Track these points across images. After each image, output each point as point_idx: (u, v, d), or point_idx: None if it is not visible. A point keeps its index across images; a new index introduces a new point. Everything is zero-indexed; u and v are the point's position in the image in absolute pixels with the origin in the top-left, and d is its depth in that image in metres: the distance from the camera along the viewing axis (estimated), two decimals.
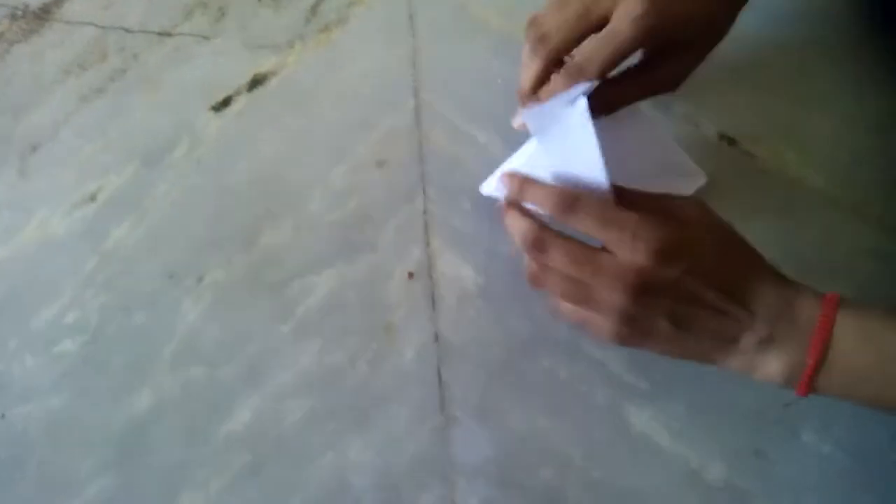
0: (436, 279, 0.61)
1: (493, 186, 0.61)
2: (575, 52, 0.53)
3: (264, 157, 0.64)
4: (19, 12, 0.68)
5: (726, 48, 0.65)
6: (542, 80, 0.54)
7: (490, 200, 0.61)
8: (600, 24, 0.51)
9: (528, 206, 0.53)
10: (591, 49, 0.51)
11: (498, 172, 0.62)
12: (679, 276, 0.48)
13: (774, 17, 0.59)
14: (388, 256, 0.62)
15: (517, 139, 0.62)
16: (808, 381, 0.48)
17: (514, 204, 0.53)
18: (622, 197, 0.51)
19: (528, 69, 0.54)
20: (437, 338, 0.60)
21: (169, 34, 0.67)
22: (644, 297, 0.48)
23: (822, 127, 0.64)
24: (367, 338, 0.60)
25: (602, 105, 0.54)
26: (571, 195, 0.50)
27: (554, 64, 0.53)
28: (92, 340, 0.60)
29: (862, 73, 0.65)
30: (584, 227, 0.49)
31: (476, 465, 0.57)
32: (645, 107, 0.63)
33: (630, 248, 0.47)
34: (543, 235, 0.50)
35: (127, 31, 0.67)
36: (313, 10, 0.68)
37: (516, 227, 0.52)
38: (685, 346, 0.50)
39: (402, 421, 0.58)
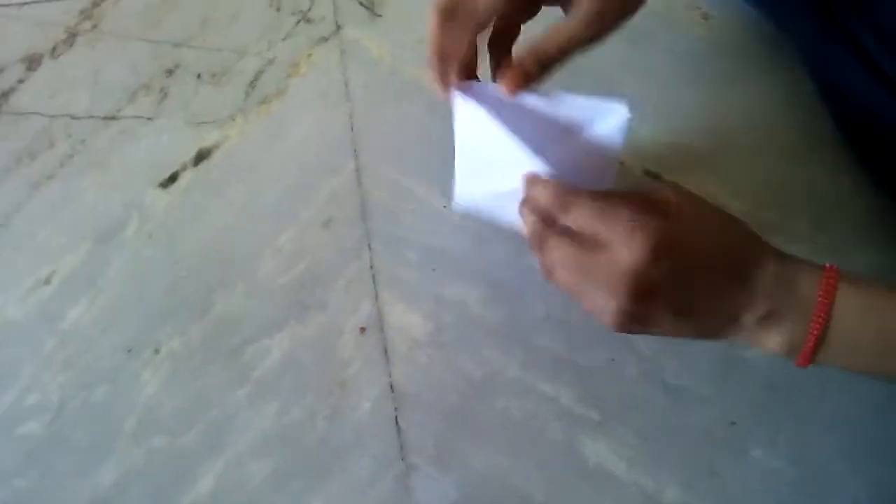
0: (387, 331, 0.61)
1: (464, 198, 0.60)
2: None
3: (214, 227, 0.64)
4: None
5: (643, 92, 0.67)
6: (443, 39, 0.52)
7: (434, 251, 0.63)
8: None
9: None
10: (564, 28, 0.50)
11: (457, 178, 0.59)
12: (675, 267, 0.46)
13: (683, 57, 0.62)
14: (340, 313, 0.62)
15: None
16: (811, 353, 0.47)
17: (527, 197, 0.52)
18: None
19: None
20: (392, 388, 0.60)
21: (114, 118, 0.68)
22: (639, 291, 0.46)
23: (740, 156, 0.66)
24: (324, 394, 0.59)
25: (536, 67, 0.52)
26: (571, 191, 0.49)
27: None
28: (54, 419, 0.59)
29: (773, 103, 0.68)
30: (580, 222, 0.48)
31: None
32: None
33: (625, 245, 0.46)
34: (544, 234, 0.49)
35: (73, 117, 0.68)
36: (252, 84, 0.69)
37: (524, 221, 0.51)
38: (690, 329, 0.49)
39: (364, 472, 0.58)
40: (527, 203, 0.52)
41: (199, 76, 0.69)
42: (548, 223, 0.50)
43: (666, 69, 0.62)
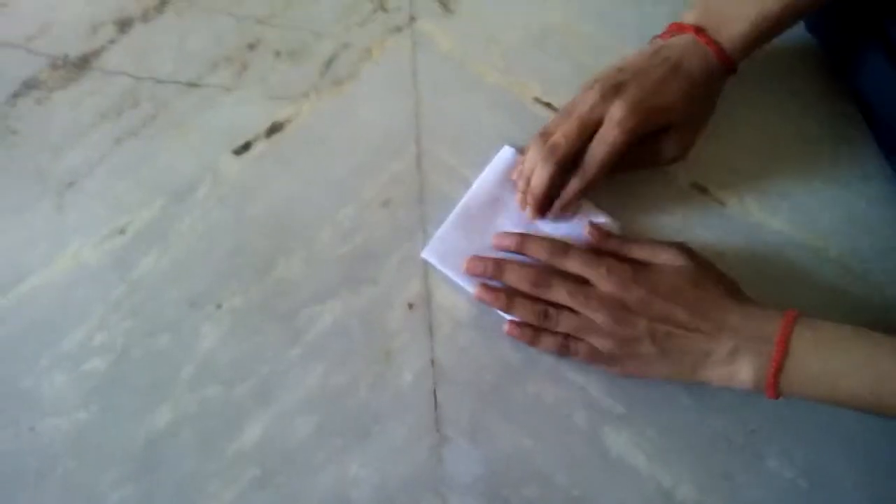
0: (433, 310, 0.64)
1: (434, 251, 0.65)
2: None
3: (280, 196, 0.67)
4: (59, 62, 0.72)
5: None
6: (554, 183, 0.62)
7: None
8: (597, 129, 0.60)
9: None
10: (589, 154, 0.61)
11: (439, 234, 0.65)
12: (645, 296, 0.57)
13: (741, 78, 0.64)
14: (390, 288, 0.65)
15: None
16: (774, 382, 0.54)
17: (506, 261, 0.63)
18: (621, 244, 0.62)
19: (542, 173, 0.61)
20: (433, 363, 0.63)
21: (196, 85, 0.71)
22: (622, 314, 0.57)
23: (785, 178, 0.67)
24: (369, 362, 0.62)
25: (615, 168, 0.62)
26: (563, 244, 0.61)
27: (564, 169, 0.61)
28: (118, 361, 0.62)
29: (823, 130, 0.69)
30: (574, 266, 0.60)
31: (466, 482, 0.60)
32: None
33: (605, 280, 0.59)
34: (548, 275, 0.60)
35: (158, 81, 0.71)
36: (327, 65, 0.72)
37: (522, 272, 0.61)
38: (668, 364, 0.58)
39: (400, 439, 0.61)
40: (521, 267, 0.62)
41: (277, 53, 0.72)
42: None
43: (726, 88, 0.64)
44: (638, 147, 0.61)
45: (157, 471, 0.60)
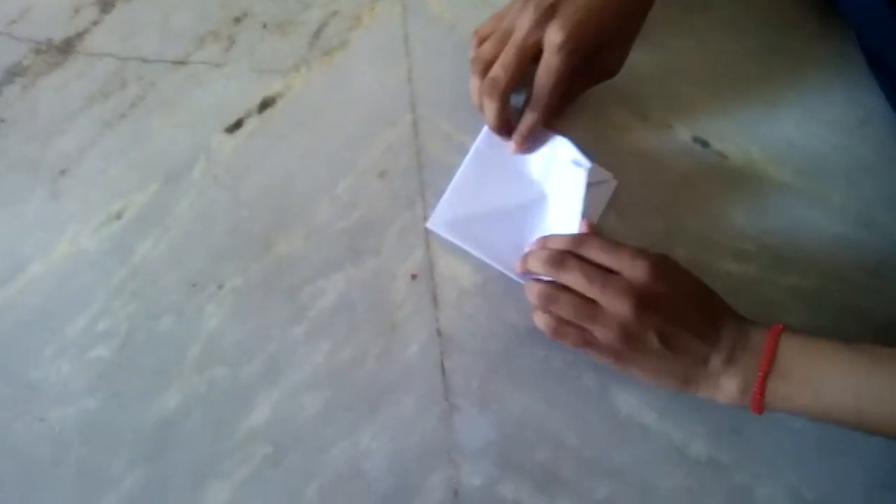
0: (436, 279, 0.64)
1: (440, 221, 0.65)
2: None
3: (275, 172, 0.67)
4: (43, 47, 0.71)
5: (696, 58, 0.68)
6: (505, 115, 0.63)
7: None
8: (537, 54, 0.60)
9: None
10: (537, 86, 0.61)
11: (442, 203, 0.65)
12: (669, 292, 0.56)
13: (739, 26, 0.63)
14: (392, 260, 0.65)
15: None
16: (760, 390, 0.54)
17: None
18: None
19: (491, 112, 0.62)
20: (439, 333, 0.63)
21: (183, 62, 0.70)
22: (641, 307, 0.55)
23: (786, 126, 0.67)
24: (375, 335, 0.63)
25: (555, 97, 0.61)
26: (579, 235, 0.60)
27: (509, 97, 0.62)
28: (122, 346, 0.62)
29: (823, 75, 0.68)
30: (595, 255, 0.57)
31: (478, 448, 0.60)
32: (623, 114, 0.67)
33: (630, 266, 0.56)
34: (564, 257, 0.58)
35: (144, 60, 0.70)
36: (316, 34, 0.71)
37: (540, 254, 0.59)
38: (667, 365, 0.56)
39: (410, 410, 0.61)
40: (540, 249, 0.60)
41: (265, 25, 0.71)
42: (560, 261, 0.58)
43: (720, 37, 0.63)
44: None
45: (170, 452, 0.61)
